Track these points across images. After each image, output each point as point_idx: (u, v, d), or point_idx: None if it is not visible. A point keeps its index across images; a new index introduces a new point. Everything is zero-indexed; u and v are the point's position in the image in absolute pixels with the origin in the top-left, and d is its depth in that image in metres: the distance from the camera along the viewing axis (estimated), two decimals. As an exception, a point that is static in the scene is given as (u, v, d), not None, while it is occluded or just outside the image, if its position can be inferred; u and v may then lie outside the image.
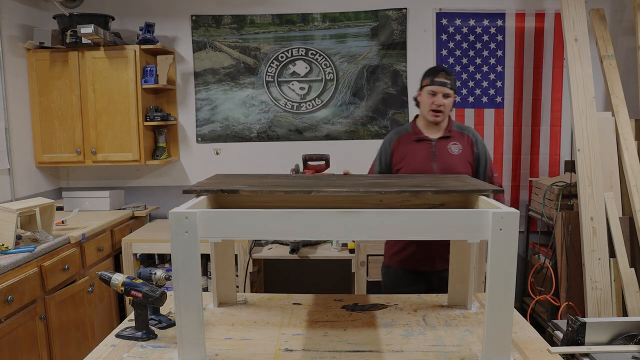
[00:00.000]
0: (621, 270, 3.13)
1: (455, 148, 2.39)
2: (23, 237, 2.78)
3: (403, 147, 2.42)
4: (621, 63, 3.76)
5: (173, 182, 4.13)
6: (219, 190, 1.57)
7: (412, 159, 2.38)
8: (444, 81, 2.34)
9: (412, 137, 2.43)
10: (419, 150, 2.39)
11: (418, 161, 2.36)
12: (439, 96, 2.34)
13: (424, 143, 2.40)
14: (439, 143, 2.39)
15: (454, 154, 2.38)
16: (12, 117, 3.55)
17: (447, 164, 2.35)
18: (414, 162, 2.37)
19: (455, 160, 2.37)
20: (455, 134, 2.42)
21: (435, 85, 2.34)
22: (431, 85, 2.35)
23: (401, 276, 2.49)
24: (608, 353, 1.73)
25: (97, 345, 1.61)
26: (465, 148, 2.40)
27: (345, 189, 1.59)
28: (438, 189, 1.61)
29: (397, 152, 2.42)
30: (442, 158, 2.36)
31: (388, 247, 2.57)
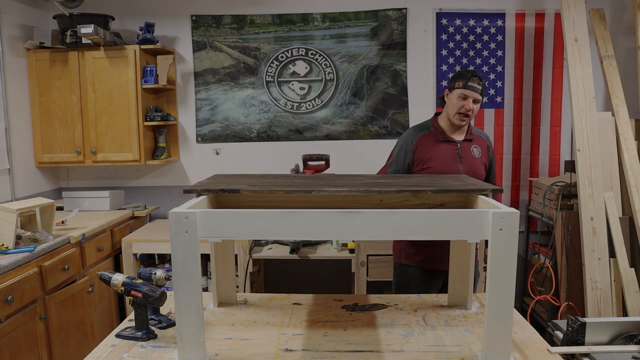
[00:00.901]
0: (621, 270, 3.13)
1: (476, 151, 2.45)
2: (23, 237, 2.77)
3: (427, 146, 2.41)
4: (621, 63, 3.76)
5: (173, 182, 4.13)
6: (220, 190, 1.57)
7: (439, 160, 2.38)
8: (476, 87, 2.35)
9: (437, 137, 2.43)
10: (445, 151, 2.40)
11: (445, 162, 2.38)
12: (469, 100, 2.35)
13: (449, 144, 2.42)
14: (463, 145, 2.43)
15: (476, 156, 2.43)
16: (12, 117, 3.55)
17: (471, 166, 2.39)
18: (440, 163, 2.38)
19: (477, 163, 2.43)
20: (475, 137, 2.48)
21: (468, 90, 2.35)
22: (464, 89, 2.36)
23: (418, 275, 2.50)
24: (608, 353, 1.73)
25: (97, 345, 1.61)
26: (484, 151, 2.48)
27: (346, 189, 1.59)
28: (438, 189, 1.62)
29: (420, 150, 2.41)
30: (467, 160, 2.40)
31: (404, 246, 2.55)
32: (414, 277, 2.50)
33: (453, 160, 2.39)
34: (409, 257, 2.52)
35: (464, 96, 2.36)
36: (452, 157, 2.39)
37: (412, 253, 2.51)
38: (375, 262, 3.48)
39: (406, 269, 2.54)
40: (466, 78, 2.37)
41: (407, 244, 2.54)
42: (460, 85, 2.38)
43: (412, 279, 2.50)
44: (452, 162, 2.38)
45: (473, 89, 2.35)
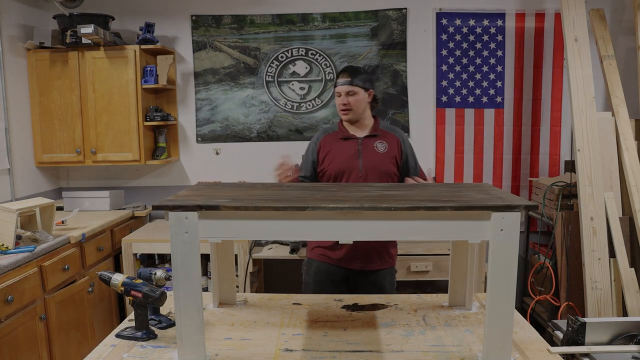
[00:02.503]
0: (621, 270, 3.13)
1: (381, 146, 2.41)
2: (23, 237, 2.77)
3: (329, 145, 2.44)
4: (621, 63, 3.76)
5: (173, 182, 4.13)
6: (196, 205, 1.37)
7: (338, 156, 2.40)
8: (345, 80, 2.38)
9: (338, 136, 2.45)
10: (345, 147, 2.41)
11: (344, 158, 2.39)
12: (342, 96, 2.39)
13: (350, 141, 2.42)
14: (365, 141, 2.42)
15: (379, 152, 2.40)
16: (12, 117, 3.55)
17: (373, 161, 2.38)
18: (339, 159, 2.39)
19: (380, 158, 2.40)
20: (382, 133, 2.45)
21: (338, 86, 2.40)
22: (335, 87, 2.43)
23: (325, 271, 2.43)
24: (608, 353, 1.73)
25: (97, 345, 1.61)
26: (392, 147, 2.43)
27: (347, 205, 1.39)
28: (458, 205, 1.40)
29: (323, 150, 2.44)
30: (367, 155, 2.38)
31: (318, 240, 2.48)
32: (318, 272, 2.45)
33: (352, 156, 2.39)
34: (312, 250, 2.49)
35: (338, 93, 2.41)
36: (352, 154, 2.39)
37: (314, 246, 2.48)
38: (375, 262, 3.47)
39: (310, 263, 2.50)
40: (338, 75, 2.45)
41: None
42: (335, 84, 2.45)
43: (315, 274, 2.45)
44: (351, 158, 2.38)
45: (342, 83, 2.38)
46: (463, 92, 3.97)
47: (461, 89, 3.97)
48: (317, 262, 2.46)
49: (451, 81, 3.97)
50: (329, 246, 2.41)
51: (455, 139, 4.02)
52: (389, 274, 2.48)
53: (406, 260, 3.47)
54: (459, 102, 3.98)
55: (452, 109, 4.00)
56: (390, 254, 2.47)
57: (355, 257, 2.39)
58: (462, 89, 3.97)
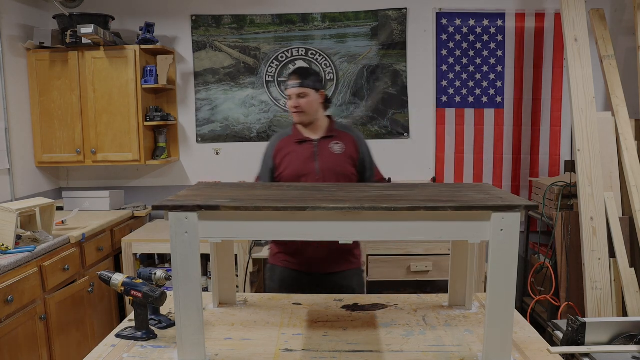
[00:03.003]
0: (621, 270, 3.13)
1: (337, 147, 2.37)
2: (23, 237, 2.77)
3: (285, 149, 2.40)
4: (621, 63, 3.76)
5: (173, 182, 4.13)
6: (196, 205, 1.39)
7: (294, 160, 2.35)
8: (295, 82, 2.35)
9: (294, 139, 2.41)
10: (301, 151, 2.37)
11: (299, 162, 2.34)
12: (293, 98, 2.35)
13: (305, 144, 2.38)
14: (320, 143, 2.37)
15: (335, 152, 2.36)
16: (12, 117, 3.55)
17: (329, 163, 2.33)
18: (295, 163, 2.34)
19: (337, 159, 2.35)
20: (337, 134, 2.41)
21: (290, 88, 2.36)
22: (287, 89, 2.39)
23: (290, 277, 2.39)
24: (608, 353, 1.73)
25: (97, 345, 1.61)
26: (348, 147, 2.38)
27: (347, 205, 1.39)
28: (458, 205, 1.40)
29: (280, 155, 2.40)
30: (323, 157, 2.34)
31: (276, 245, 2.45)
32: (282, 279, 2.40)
33: (308, 159, 2.34)
34: (274, 256, 2.44)
35: (289, 96, 2.37)
36: (308, 156, 2.34)
37: (276, 252, 2.43)
38: (375, 262, 3.48)
39: (274, 269, 2.44)
40: (288, 78, 2.41)
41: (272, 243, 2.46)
42: (285, 87, 2.42)
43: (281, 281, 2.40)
44: (307, 161, 2.34)
45: (292, 85, 2.35)
46: (463, 92, 3.97)
47: (461, 89, 3.97)
48: (280, 268, 2.40)
49: (451, 81, 3.97)
50: (291, 252, 2.37)
51: (455, 139, 4.02)
52: (356, 274, 2.44)
53: (406, 260, 3.48)
54: (459, 102, 3.98)
55: (452, 109, 4.00)
56: (354, 254, 2.43)
57: (318, 262, 2.34)
58: (462, 89, 3.97)
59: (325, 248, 2.31)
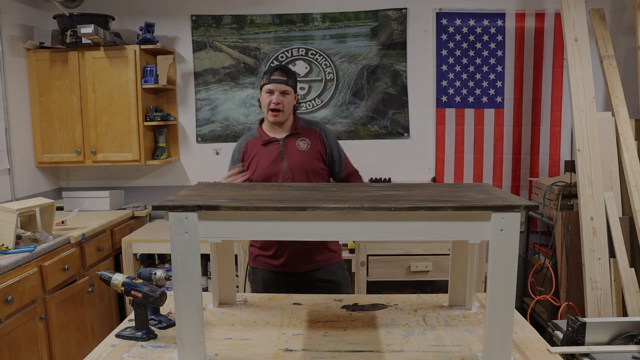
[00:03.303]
0: (621, 270, 3.13)
1: (303, 144, 2.34)
2: (23, 237, 2.77)
3: (252, 152, 2.37)
4: (621, 63, 3.76)
5: (173, 182, 4.13)
6: (196, 205, 1.38)
7: (262, 162, 2.33)
8: (280, 78, 2.28)
9: (259, 141, 2.38)
10: (268, 152, 2.34)
11: (268, 163, 2.32)
12: (276, 94, 2.29)
13: (271, 144, 2.35)
14: (286, 141, 2.35)
15: (302, 149, 2.33)
16: (12, 117, 3.55)
17: (297, 161, 2.31)
18: (263, 164, 2.32)
19: (304, 156, 2.33)
20: (302, 130, 2.38)
21: (272, 84, 2.29)
22: (268, 83, 2.30)
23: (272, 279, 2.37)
24: (608, 353, 1.73)
25: (97, 345, 1.61)
26: (314, 142, 2.36)
27: (348, 205, 1.39)
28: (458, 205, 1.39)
29: (247, 158, 2.37)
30: (290, 156, 2.32)
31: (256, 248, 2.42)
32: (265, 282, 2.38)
33: (276, 159, 2.31)
34: (254, 259, 2.41)
35: (270, 91, 2.29)
36: (275, 157, 2.32)
37: (256, 255, 2.40)
38: (375, 262, 3.48)
39: (255, 272, 2.42)
40: (269, 73, 2.32)
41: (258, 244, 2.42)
42: (265, 81, 2.32)
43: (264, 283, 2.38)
44: (275, 161, 2.31)
45: (277, 81, 2.28)
46: (463, 92, 3.97)
47: (461, 89, 3.97)
48: (262, 270, 2.39)
49: (451, 81, 3.97)
50: (270, 255, 2.35)
51: (455, 139, 4.02)
52: (339, 268, 2.43)
53: (406, 260, 3.48)
54: (459, 102, 3.98)
55: (452, 109, 4.00)
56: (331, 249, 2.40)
57: (296, 261, 2.32)
58: (462, 89, 3.97)
59: (301, 246, 2.30)
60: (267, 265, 2.37)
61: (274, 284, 2.35)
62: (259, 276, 2.40)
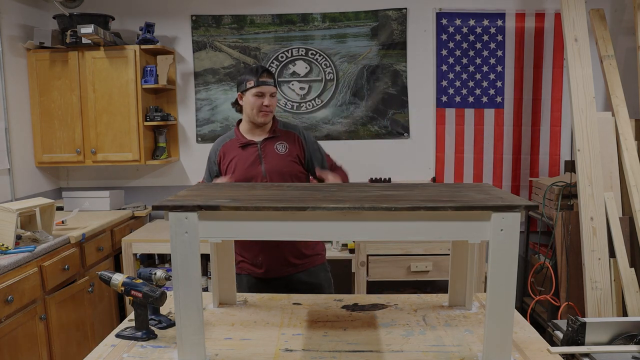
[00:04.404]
0: (621, 270, 3.13)
1: (281, 147, 2.33)
2: (23, 237, 2.77)
3: (229, 154, 2.34)
4: (621, 63, 3.76)
5: (173, 182, 4.13)
6: (196, 206, 1.38)
7: (239, 165, 2.30)
8: (269, 80, 2.29)
9: (237, 143, 2.35)
10: (246, 155, 2.32)
11: (245, 166, 2.30)
12: (267, 97, 2.29)
13: (249, 147, 2.33)
14: (264, 144, 2.33)
15: (280, 153, 2.32)
16: (12, 117, 3.55)
17: (275, 164, 2.30)
18: (241, 168, 2.30)
19: (283, 160, 2.31)
20: (281, 133, 2.37)
21: (262, 86, 2.28)
22: (257, 86, 2.29)
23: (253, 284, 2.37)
24: (608, 353, 1.73)
25: (97, 345, 1.61)
26: (293, 146, 2.34)
27: (348, 205, 1.39)
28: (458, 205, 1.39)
29: (225, 160, 2.34)
30: (268, 159, 2.30)
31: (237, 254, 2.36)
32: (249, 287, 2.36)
33: (254, 162, 2.30)
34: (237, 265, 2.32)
35: (260, 93, 2.28)
36: (253, 160, 2.30)
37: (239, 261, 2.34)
38: (375, 262, 3.48)
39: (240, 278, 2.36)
40: (257, 75, 2.29)
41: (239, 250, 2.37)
42: (253, 83, 2.30)
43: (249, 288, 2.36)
44: (253, 164, 2.29)
45: (266, 83, 2.28)
46: (463, 92, 3.97)
47: (461, 89, 3.97)
48: (247, 276, 2.38)
49: (451, 81, 3.97)
50: (252, 262, 2.34)
51: (455, 139, 4.02)
52: (322, 270, 2.43)
53: (406, 260, 3.48)
54: (459, 102, 3.98)
55: (452, 109, 4.00)
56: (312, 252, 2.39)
57: (276, 266, 2.32)
58: (462, 89, 3.97)
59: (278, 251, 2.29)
60: (250, 271, 2.37)
61: (258, 289, 2.34)
62: (244, 282, 2.39)
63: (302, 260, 2.36)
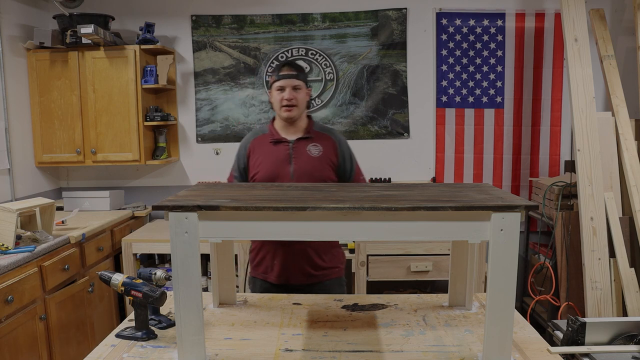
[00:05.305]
0: (621, 270, 3.13)
1: (315, 150, 2.21)
2: (23, 237, 2.77)
3: (259, 150, 2.25)
4: (621, 63, 3.76)
5: (173, 182, 4.13)
6: (196, 206, 1.38)
7: (268, 162, 2.21)
8: (289, 73, 2.19)
9: (269, 139, 2.25)
10: (276, 152, 2.21)
11: (274, 164, 2.19)
12: (288, 90, 2.18)
13: (281, 145, 2.22)
14: (297, 144, 2.21)
15: (313, 155, 2.20)
16: (12, 117, 3.55)
17: (305, 167, 2.18)
18: (269, 165, 2.20)
19: (314, 163, 2.19)
20: (316, 135, 2.25)
21: (282, 80, 2.19)
22: (278, 80, 2.20)
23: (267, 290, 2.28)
24: (608, 353, 1.73)
25: (97, 345, 1.61)
26: (327, 150, 2.22)
27: (347, 205, 1.39)
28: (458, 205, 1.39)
29: (253, 155, 2.25)
30: (299, 160, 2.19)
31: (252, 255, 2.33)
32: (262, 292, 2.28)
33: (283, 161, 2.19)
34: (255, 268, 2.32)
35: (281, 87, 2.19)
36: (282, 158, 2.19)
37: (256, 264, 2.30)
38: (375, 262, 3.48)
39: (254, 281, 2.33)
40: (278, 69, 2.22)
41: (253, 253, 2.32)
42: (274, 78, 2.22)
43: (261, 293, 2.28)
44: (282, 163, 2.18)
45: (286, 76, 2.18)
46: (463, 92, 3.97)
47: (461, 89, 3.97)
48: (261, 281, 2.30)
49: (451, 81, 3.97)
50: (266, 266, 2.26)
51: (455, 139, 4.02)
52: (337, 285, 2.30)
53: (406, 260, 3.48)
54: (459, 102, 3.98)
55: (452, 109, 4.00)
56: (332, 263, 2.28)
57: (290, 274, 2.22)
58: (462, 89, 3.97)
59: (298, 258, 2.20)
60: (264, 276, 2.30)
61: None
62: (257, 285, 2.33)
63: (317, 272, 2.25)
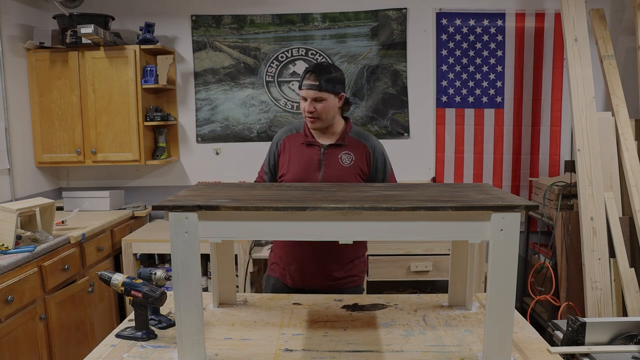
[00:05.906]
0: (621, 270, 3.13)
1: (347, 158, 2.11)
2: (23, 237, 2.77)
3: (290, 149, 2.15)
4: (621, 63, 3.76)
5: (173, 182, 4.13)
6: (196, 206, 1.37)
7: (296, 165, 2.11)
8: (311, 84, 2.04)
9: (302, 139, 2.15)
10: (306, 155, 2.12)
11: (303, 168, 2.10)
12: (308, 101, 2.06)
13: (313, 148, 2.13)
14: (329, 151, 2.12)
15: (344, 165, 2.10)
16: (12, 117, 3.55)
17: (334, 175, 2.08)
18: (298, 168, 2.11)
19: (344, 172, 2.10)
20: (350, 142, 2.14)
21: (304, 90, 2.07)
22: (300, 89, 2.09)
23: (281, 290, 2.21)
24: (608, 353, 1.73)
25: (97, 345, 1.61)
26: (359, 159, 2.12)
27: (348, 205, 1.38)
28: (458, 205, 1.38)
29: (284, 154, 2.16)
30: (329, 168, 2.10)
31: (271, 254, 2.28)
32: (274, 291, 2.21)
33: (312, 167, 2.09)
34: (270, 266, 2.26)
35: (303, 97, 2.08)
36: (311, 164, 2.09)
37: (272, 262, 2.25)
38: (375, 262, 3.48)
39: (268, 279, 2.27)
40: (303, 75, 2.08)
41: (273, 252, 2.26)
42: (299, 85, 2.11)
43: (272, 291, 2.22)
44: (311, 168, 2.09)
45: (308, 86, 2.04)
46: (463, 92, 3.97)
47: (461, 89, 3.97)
48: (275, 279, 2.24)
49: (451, 81, 3.97)
50: (283, 266, 2.20)
51: (455, 139, 4.02)
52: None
53: (406, 260, 3.48)
54: (459, 102, 3.98)
55: (452, 109, 4.00)
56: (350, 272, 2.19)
57: (308, 278, 2.15)
58: (462, 89, 3.97)
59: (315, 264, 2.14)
60: (280, 275, 2.23)
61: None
62: (270, 282, 2.26)
63: (334, 281, 2.17)
